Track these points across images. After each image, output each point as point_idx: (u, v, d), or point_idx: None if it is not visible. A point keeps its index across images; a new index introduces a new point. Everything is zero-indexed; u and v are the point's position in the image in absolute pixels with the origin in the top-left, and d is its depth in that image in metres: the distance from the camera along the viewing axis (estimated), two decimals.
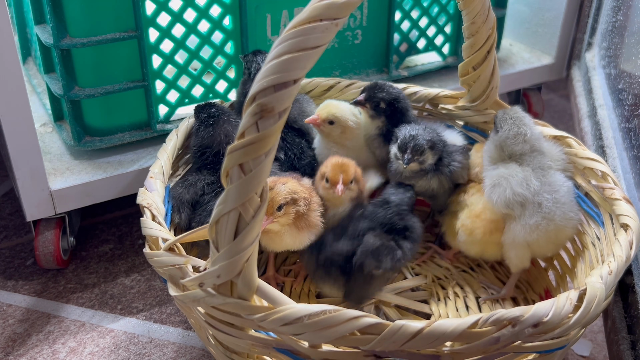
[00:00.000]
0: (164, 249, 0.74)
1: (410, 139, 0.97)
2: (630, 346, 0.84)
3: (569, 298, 0.69)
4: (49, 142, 1.15)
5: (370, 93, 1.04)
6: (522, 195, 0.92)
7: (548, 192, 0.92)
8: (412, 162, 0.97)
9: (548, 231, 0.92)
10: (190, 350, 0.98)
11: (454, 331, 0.64)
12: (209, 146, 0.98)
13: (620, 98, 1.22)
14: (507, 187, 0.92)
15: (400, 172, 1.00)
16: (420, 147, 0.97)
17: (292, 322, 0.63)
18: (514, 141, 0.94)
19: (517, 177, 0.93)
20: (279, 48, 0.57)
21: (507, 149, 0.95)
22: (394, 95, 1.04)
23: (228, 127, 0.99)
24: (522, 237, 0.93)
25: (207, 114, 0.99)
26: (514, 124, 0.95)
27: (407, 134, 0.98)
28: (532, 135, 0.95)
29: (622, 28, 1.31)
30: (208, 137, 0.98)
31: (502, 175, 0.94)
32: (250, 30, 1.14)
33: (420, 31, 1.34)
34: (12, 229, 1.22)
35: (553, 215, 0.91)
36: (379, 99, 1.03)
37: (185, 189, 0.94)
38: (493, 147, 0.97)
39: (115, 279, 1.11)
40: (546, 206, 0.91)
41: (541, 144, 0.96)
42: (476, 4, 0.92)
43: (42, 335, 1.00)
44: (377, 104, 1.04)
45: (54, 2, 0.98)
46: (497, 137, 0.96)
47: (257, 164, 0.58)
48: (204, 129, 0.98)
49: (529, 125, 0.96)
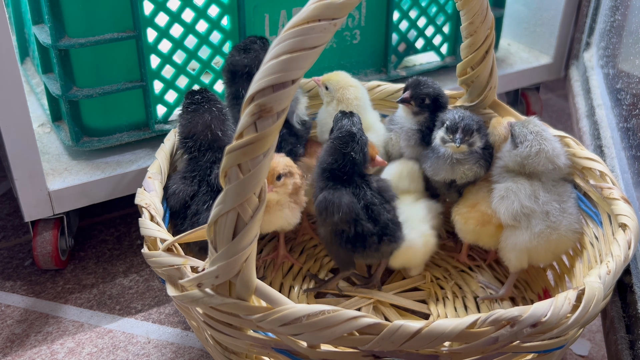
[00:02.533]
0: (162, 249, 0.74)
1: (460, 119, 0.97)
2: (628, 346, 0.84)
3: (567, 298, 0.69)
4: (47, 143, 1.15)
5: (415, 90, 1.04)
6: (529, 208, 0.92)
7: (557, 202, 0.92)
8: (463, 142, 0.96)
9: (550, 240, 0.92)
10: (189, 351, 0.98)
11: (453, 331, 0.64)
12: (188, 135, 0.95)
13: (618, 98, 1.22)
14: (515, 200, 0.92)
15: (450, 156, 0.98)
16: (470, 127, 0.97)
17: (290, 322, 0.63)
18: (536, 159, 0.93)
19: (526, 190, 0.93)
20: (278, 48, 0.57)
21: (529, 167, 0.93)
22: (438, 91, 1.05)
23: (207, 117, 0.94)
24: (524, 244, 0.93)
25: (190, 100, 0.96)
26: (535, 141, 0.93)
27: (456, 115, 0.98)
28: (553, 152, 0.93)
29: (620, 28, 1.31)
30: (186, 125, 0.95)
31: (511, 189, 0.94)
32: (249, 30, 1.14)
33: (419, 31, 1.34)
34: (11, 230, 1.22)
35: (559, 225, 0.92)
36: (424, 95, 1.04)
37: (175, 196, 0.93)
38: (511, 160, 0.95)
39: (113, 279, 1.11)
40: (553, 215, 0.92)
41: (560, 160, 0.94)
42: (474, 4, 0.92)
43: (40, 336, 1.00)
44: (422, 100, 1.04)
45: (52, 2, 0.98)
46: (517, 153, 0.94)
47: (255, 164, 0.58)
48: (183, 116, 0.96)
49: (549, 140, 0.94)
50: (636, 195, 0.99)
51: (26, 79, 1.28)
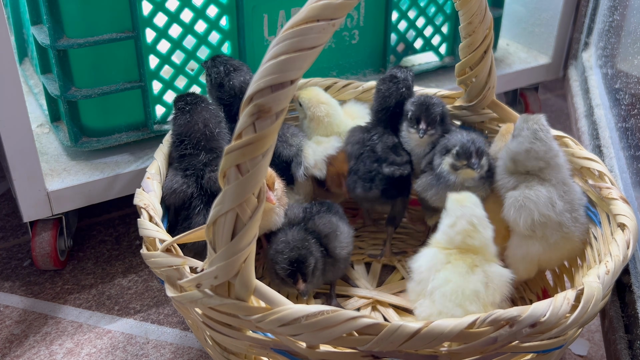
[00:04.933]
0: (161, 250, 0.74)
1: (470, 142, 0.93)
2: (627, 345, 0.85)
3: (566, 298, 0.69)
4: (45, 143, 1.14)
5: (427, 114, 1.01)
6: (547, 217, 0.88)
7: (569, 211, 0.89)
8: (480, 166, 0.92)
9: (564, 250, 0.90)
10: (188, 351, 0.98)
11: (452, 331, 0.64)
12: (187, 134, 0.95)
13: (617, 98, 1.22)
14: (535, 210, 0.88)
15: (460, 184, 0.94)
16: (482, 149, 0.93)
17: (289, 322, 0.63)
18: (525, 156, 0.89)
19: (543, 198, 0.88)
20: (276, 49, 0.57)
21: (519, 164, 0.90)
22: (442, 104, 1.04)
23: (206, 115, 0.95)
24: (536, 255, 0.90)
25: (184, 102, 0.97)
26: (527, 139, 0.89)
27: (464, 139, 0.94)
28: (547, 152, 0.89)
29: (619, 28, 1.31)
30: (185, 125, 0.95)
31: (528, 197, 0.89)
32: (247, 30, 1.14)
33: (417, 31, 1.34)
34: (9, 230, 1.22)
35: (572, 236, 0.89)
36: (436, 114, 1.01)
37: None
38: (507, 158, 0.92)
39: (112, 279, 1.11)
40: (566, 226, 0.88)
41: (557, 161, 0.90)
42: (473, 4, 0.92)
43: (39, 336, 1.00)
44: (434, 121, 1.02)
45: (51, 2, 0.98)
46: (509, 146, 0.91)
47: (254, 165, 0.58)
48: (180, 116, 0.96)
49: (543, 141, 0.89)
50: (635, 195, 0.99)
51: (25, 79, 1.28)
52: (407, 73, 1.09)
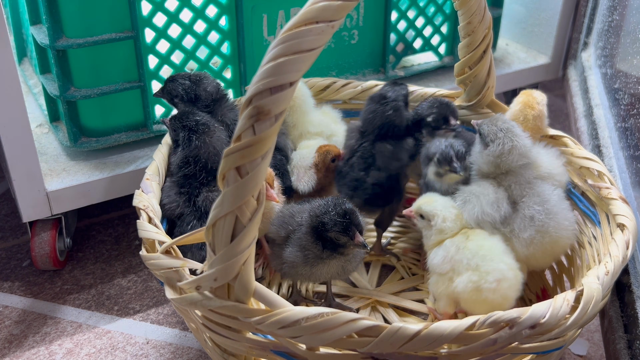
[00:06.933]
0: (160, 251, 0.74)
1: (448, 147, 0.94)
2: (626, 345, 0.85)
3: (565, 299, 0.69)
4: (45, 143, 1.14)
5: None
6: (491, 216, 0.90)
7: (538, 204, 0.90)
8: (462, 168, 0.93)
9: (544, 244, 0.90)
10: (187, 351, 0.98)
11: (452, 333, 0.64)
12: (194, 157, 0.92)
13: (616, 97, 1.22)
14: (477, 206, 0.91)
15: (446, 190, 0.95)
16: (461, 151, 0.94)
17: (289, 324, 0.63)
18: (509, 157, 0.90)
19: (489, 197, 0.91)
20: (275, 51, 0.57)
21: (504, 165, 0.91)
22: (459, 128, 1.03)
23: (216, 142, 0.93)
24: (521, 253, 0.90)
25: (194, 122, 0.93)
26: (507, 137, 0.91)
27: (442, 145, 0.94)
28: (524, 146, 0.91)
29: (618, 27, 1.31)
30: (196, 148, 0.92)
31: (474, 193, 0.92)
32: (247, 30, 1.14)
33: (417, 31, 1.34)
34: (8, 230, 1.22)
35: (547, 228, 0.89)
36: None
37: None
38: (483, 162, 0.93)
39: (111, 279, 1.11)
40: (538, 219, 0.89)
41: (530, 154, 0.92)
42: (472, 4, 0.92)
43: (38, 336, 1.00)
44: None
45: (50, 2, 0.98)
46: (489, 152, 0.92)
47: (253, 167, 0.58)
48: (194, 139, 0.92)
49: (520, 136, 0.92)
50: (634, 195, 0.99)
51: (24, 79, 1.27)
52: (399, 92, 1.05)
